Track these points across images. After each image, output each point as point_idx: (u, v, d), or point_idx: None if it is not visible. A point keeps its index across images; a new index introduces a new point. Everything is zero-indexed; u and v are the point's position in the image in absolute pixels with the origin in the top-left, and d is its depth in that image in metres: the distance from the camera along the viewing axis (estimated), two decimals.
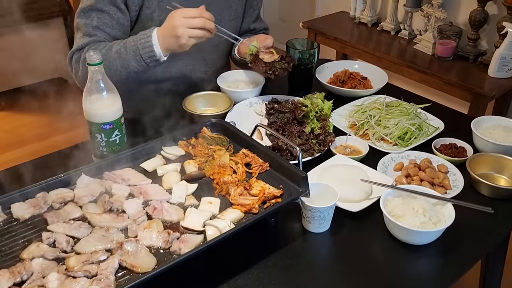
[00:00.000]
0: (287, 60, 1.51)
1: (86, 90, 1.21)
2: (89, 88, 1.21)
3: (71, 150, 1.36)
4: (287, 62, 1.51)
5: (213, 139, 1.30)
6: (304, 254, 1.09)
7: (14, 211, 1.06)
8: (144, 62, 1.39)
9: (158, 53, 1.37)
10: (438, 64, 2.55)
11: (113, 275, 0.91)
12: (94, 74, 1.19)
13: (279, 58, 1.50)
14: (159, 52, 1.37)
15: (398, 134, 1.42)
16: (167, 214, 1.07)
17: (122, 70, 1.40)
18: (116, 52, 1.40)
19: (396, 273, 1.05)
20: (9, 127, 3.28)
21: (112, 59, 1.39)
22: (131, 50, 1.39)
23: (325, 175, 1.24)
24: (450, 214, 1.09)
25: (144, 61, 1.39)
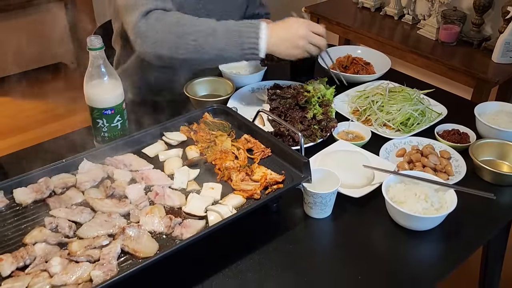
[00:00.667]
0: None
1: (87, 75, 1.21)
2: (90, 73, 1.20)
3: (73, 135, 1.36)
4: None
5: (215, 124, 1.30)
6: (305, 240, 1.09)
7: (16, 196, 1.06)
8: (242, 52, 1.32)
9: (262, 49, 1.31)
10: (442, 50, 2.53)
11: (115, 259, 0.92)
12: (95, 59, 1.19)
13: None
14: (263, 48, 1.31)
15: (401, 120, 1.41)
16: (169, 200, 1.07)
17: (211, 50, 1.31)
18: (212, 29, 1.31)
19: (397, 259, 1.05)
20: (11, 112, 3.28)
21: (204, 34, 1.30)
22: (230, 34, 1.31)
23: (327, 161, 1.23)
24: (452, 200, 1.09)
25: (243, 51, 1.31)
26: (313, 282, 0.98)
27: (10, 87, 3.48)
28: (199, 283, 0.97)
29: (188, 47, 1.30)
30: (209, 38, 1.30)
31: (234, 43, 1.30)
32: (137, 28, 1.32)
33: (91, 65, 1.20)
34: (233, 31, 1.31)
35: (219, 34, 1.30)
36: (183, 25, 1.31)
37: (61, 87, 3.28)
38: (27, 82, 3.49)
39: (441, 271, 1.02)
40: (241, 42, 1.30)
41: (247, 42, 1.30)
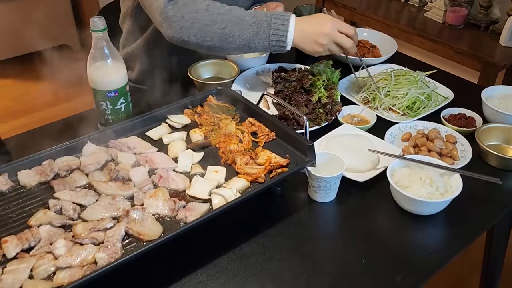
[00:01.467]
0: None
1: (90, 57, 1.20)
2: (94, 55, 1.19)
3: (76, 118, 1.35)
4: None
5: (219, 107, 1.29)
6: (309, 224, 1.09)
7: (20, 178, 1.06)
8: (268, 44, 1.30)
9: (289, 41, 1.30)
10: (449, 33, 2.50)
11: (119, 242, 0.92)
12: (99, 41, 1.18)
13: None
14: (290, 41, 1.30)
15: (407, 104, 1.40)
16: (173, 183, 1.07)
17: (238, 39, 1.30)
18: (239, 18, 1.30)
19: (401, 243, 1.05)
20: (15, 95, 3.28)
21: (232, 23, 1.29)
22: (259, 24, 1.29)
23: (332, 145, 1.23)
24: (458, 185, 1.09)
25: (269, 42, 1.30)
26: (317, 265, 0.98)
27: (13, 69, 3.47)
28: (203, 266, 0.97)
29: (215, 35, 1.29)
30: (237, 27, 1.29)
31: (262, 34, 1.29)
32: (165, 13, 1.30)
33: (94, 47, 1.19)
34: (262, 21, 1.29)
35: (247, 24, 1.29)
36: (211, 13, 1.29)
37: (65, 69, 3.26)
38: (31, 64, 3.48)
39: (446, 256, 1.02)
40: (269, 33, 1.28)
41: (275, 34, 1.28)
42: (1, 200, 1.02)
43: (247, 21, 1.29)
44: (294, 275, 0.96)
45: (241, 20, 1.29)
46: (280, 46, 1.31)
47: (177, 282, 0.94)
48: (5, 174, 1.06)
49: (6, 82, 3.42)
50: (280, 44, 1.30)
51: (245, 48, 1.32)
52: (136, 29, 1.57)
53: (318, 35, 1.29)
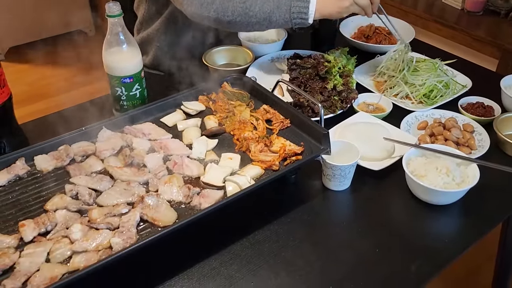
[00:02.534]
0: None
1: (105, 42, 1.20)
2: (109, 41, 1.19)
3: (92, 103, 1.36)
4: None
5: (234, 94, 1.29)
6: (323, 212, 1.09)
7: (37, 163, 1.08)
8: (290, 17, 1.27)
9: (311, 13, 1.26)
10: (467, 19, 2.45)
11: (134, 227, 0.93)
12: (114, 26, 1.18)
13: None
14: (312, 12, 1.26)
15: (424, 92, 1.38)
16: (188, 169, 1.07)
17: (258, 14, 1.27)
18: None
19: (416, 232, 1.04)
20: (31, 80, 3.31)
21: None
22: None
23: (347, 133, 1.22)
24: (475, 175, 1.07)
25: (291, 15, 1.27)
26: (330, 253, 0.98)
27: (29, 54, 3.50)
28: (217, 253, 0.97)
29: (236, 9, 1.27)
30: (257, 1, 1.27)
31: (283, 6, 1.26)
32: None
33: (110, 33, 1.19)
34: None
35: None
36: None
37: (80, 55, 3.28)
38: (46, 49, 3.50)
39: (461, 246, 1.01)
40: (290, 5, 1.26)
41: (296, 5, 1.26)
42: (19, 184, 1.04)
43: None
44: (307, 263, 0.96)
45: None
46: (302, 18, 1.27)
47: (191, 268, 0.95)
48: (22, 159, 1.07)
49: (22, 67, 3.45)
50: (302, 16, 1.27)
51: (265, 22, 1.30)
52: (151, 14, 1.56)
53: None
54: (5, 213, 0.97)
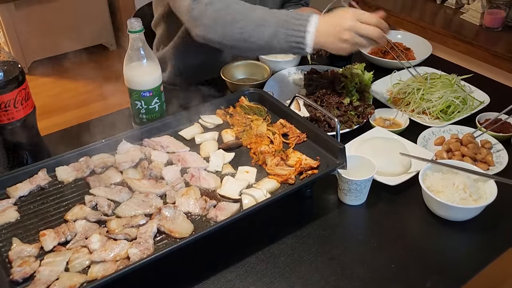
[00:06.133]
0: None
1: (126, 57, 1.23)
2: (130, 56, 1.22)
3: (112, 116, 1.39)
4: None
5: (251, 108, 1.30)
6: (339, 226, 1.09)
7: (58, 174, 1.10)
8: (287, 45, 1.24)
9: (308, 43, 1.22)
10: (486, 35, 2.44)
11: (152, 239, 0.94)
12: (135, 42, 1.20)
13: None
14: (309, 42, 1.22)
15: (441, 107, 1.38)
16: (205, 182, 1.08)
17: (257, 40, 1.25)
18: (260, 18, 1.25)
19: (432, 248, 1.03)
20: (54, 92, 3.38)
21: (252, 23, 1.25)
22: (278, 24, 1.23)
23: (363, 148, 1.22)
24: (492, 191, 1.06)
25: (289, 44, 1.24)
26: (345, 268, 0.98)
27: (52, 68, 3.58)
28: (232, 265, 0.98)
29: (235, 36, 1.27)
30: (257, 28, 1.25)
31: (281, 35, 1.23)
32: (190, 13, 1.30)
33: (131, 48, 1.22)
34: (282, 21, 1.23)
35: (268, 25, 1.24)
36: (233, 11, 1.27)
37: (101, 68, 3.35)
38: (69, 63, 3.58)
39: (478, 264, 1.00)
40: (288, 34, 1.23)
41: (294, 35, 1.22)
42: (40, 194, 1.06)
43: (268, 21, 1.25)
44: (322, 277, 0.96)
45: (262, 20, 1.25)
46: (300, 48, 1.24)
47: (206, 280, 0.96)
48: (44, 170, 1.10)
49: (45, 80, 3.53)
50: (299, 46, 1.23)
51: (265, 49, 1.30)
52: (168, 33, 1.60)
53: (340, 31, 1.19)
54: (27, 222, 1.00)
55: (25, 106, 1.14)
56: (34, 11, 3.43)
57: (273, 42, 1.25)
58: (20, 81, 1.12)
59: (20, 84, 1.12)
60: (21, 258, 0.91)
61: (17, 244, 0.94)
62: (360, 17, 1.20)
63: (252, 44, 1.27)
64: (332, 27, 1.21)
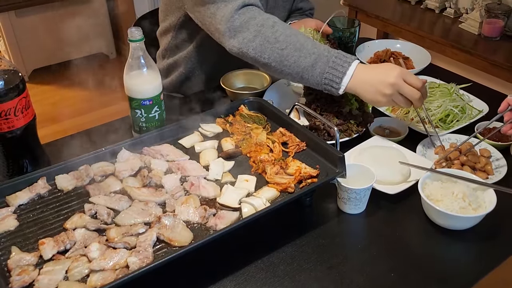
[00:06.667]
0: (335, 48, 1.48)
1: (126, 66, 1.23)
2: (130, 64, 1.23)
3: (112, 124, 1.39)
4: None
5: (251, 117, 1.31)
6: (338, 235, 1.09)
7: (58, 182, 1.10)
8: (320, 79, 1.22)
9: (343, 85, 1.21)
10: (484, 44, 2.45)
11: (151, 247, 0.94)
12: (135, 51, 1.21)
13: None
14: (344, 85, 1.21)
15: (440, 116, 1.38)
16: (204, 190, 1.08)
17: (291, 65, 1.24)
18: (302, 44, 1.24)
19: (432, 257, 1.03)
20: (54, 100, 3.39)
21: (293, 47, 1.24)
22: (318, 56, 1.22)
23: (362, 156, 1.22)
24: (492, 200, 1.07)
25: (322, 79, 1.22)
26: (344, 277, 0.98)
27: (52, 76, 3.60)
28: (231, 274, 0.98)
29: (273, 54, 1.25)
30: (296, 52, 1.23)
31: (317, 68, 1.22)
32: (231, 22, 1.27)
33: (131, 56, 1.22)
34: (322, 55, 1.22)
35: (307, 53, 1.23)
36: (276, 30, 1.25)
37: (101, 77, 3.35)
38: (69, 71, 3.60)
39: (477, 273, 1.00)
40: (324, 69, 1.21)
41: (331, 72, 1.21)
42: (40, 203, 1.06)
43: (308, 50, 1.23)
44: (321, 286, 0.96)
45: (302, 46, 1.23)
46: (332, 86, 1.22)
47: None
48: (43, 178, 1.10)
49: (45, 88, 3.54)
50: (332, 85, 1.22)
51: (297, 77, 1.26)
52: (178, 41, 1.60)
53: (383, 84, 1.18)
54: (26, 231, 1.00)
55: (26, 114, 1.15)
56: (34, 20, 3.44)
57: (308, 72, 1.24)
58: (20, 90, 1.12)
59: (20, 92, 1.12)
60: (20, 267, 0.91)
61: (16, 252, 0.94)
62: (405, 77, 1.19)
63: (286, 68, 1.26)
64: (375, 78, 1.20)
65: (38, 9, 3.42)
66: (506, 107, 1.21)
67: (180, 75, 1.63)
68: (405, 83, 1.19)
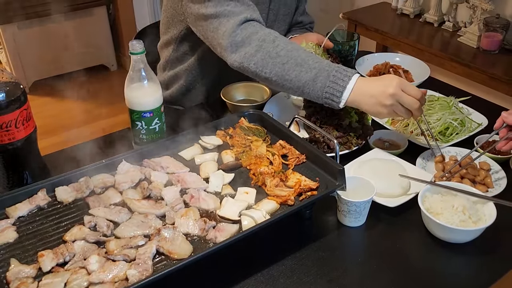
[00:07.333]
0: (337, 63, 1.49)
1: (127, 78, 1.24)
2: (131, 77, 1.24)
3: (112, 136, 1.40)
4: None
5: (251, 129, 1.31)
6: (338, 248, 1.09)
7: (58, 194, 1.10)
8: (321, 93, 1.24)
9: (343, 99, 1.23)
10: (483, 58, 2.47)
11: (150, 260, 0.94)
12: (136, 63, 1.22)
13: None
14: (344, 99, 1.23)
15: (439, 129, 1.39)
16: (204, 203, 1.08)
17: (292, 80, 1.26)
18: (303, 59, 1.26)
19: (432, 271, 1.03)
20: (55, 112, 3.40)
21: (293, 62, 1.26)
22: (318, 71, 1.24)
23: (362, 169, 1.22)
24: (491, 213, 1.07)
25: (323, 93, 1.24)
26: None
27: (53, 88, 3.61)
28: (231, 287, 0.98)
29: (274, 68, 1.27)
30: (297, 67, 1.25)
31: (318, 82, 1.24)
32: (233, 37, 1.29)
33: (132, 69, 1.23)
34: (323, 69, 1.24)
35: (308, 68, 1.25)
36: (277, 45, 1.27)
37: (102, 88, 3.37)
38: (70, 83, 3.61)
39: (478, 286, 1.00)
40: (325, 84, 1.23)
41: (331, 86, 1.22)
42: (39, 215, 1.06)
43: (309, 65, 1.25)
44: None
45: (303, 61, 1.25)
46: (333, 100, 1.24)
47: None
48: (43, 190, 1.10)
49: (45, 99, 3.55)
50: (333, 99, 1.23)
51: (298, 91, 1.27)
52: (179, 54, 1.61)
53: (383, 95, 1.19)
54: (25, 243, 1.00)
55: (26, 126, 1.15)
56: (36, 32, 3.47)
57: (309, 87, 1.25)
58: (22, 102, 1.13)
59: (22, 104, 1.13)
60: (19, 279, 0.90)
61: (15, 264, 0.94)
62: (405, 88, 1.20)
63: (287, 83, 1.27)
64: (375, 90, 1.21)
65: (39, 22, 3.45)
66: (501, 124, 1.21)
67: (180, 87, 1.64)
68: (404, 93, 1.20)
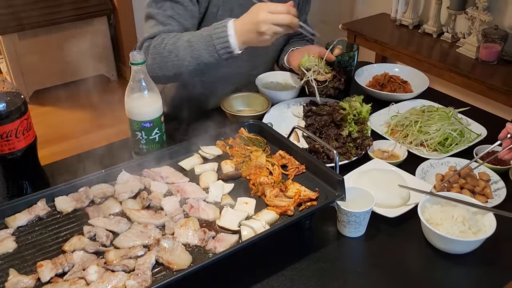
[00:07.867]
0: (339, 77, 1.50)
1: (128, 88, 1.25)
2: (131, 87, 1.24)
3: (112, 146, 1.40)
4: (339, 79, 1.50)
5: (250, 139, 1.31)
6: (338, 258, 1.08)
7: (57, 204, 1.10)
8: (217, 54, 1.34)
9: (234, 45, 1.32)
10: (482, 69, 2.48)
11: (149, 270, 0.93)
12: (137, 73, 1.22)
13: (331, 77, 1.49)
14: (234, 44, 1.32)
15: (439, 140, 1.39)
16: (204, 213, 1.08)
17: (191, 61, 1.36)
18: (187, 41, 1.36)
19: (432, 281, 1.03)
20: (55, 121, 3.40)
21: (182, 48, 1.36)
22: (203, 39, 1.34)
23: (362, 179, 1.22)
24: (491, 224, 1.06)
25: (217, 52, 1.34)
26: None
27: (53, 97, 3.62)
28: None
29: (173, 63, 1.36)
30: (186, 50, 1.35)
31: (208, 48, 1.34)
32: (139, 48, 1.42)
33: (133, 79, 1.23)
34: (205, 36, 1.34)
35: (194, 44, 1.35)
36: (165, 45, 1.37)
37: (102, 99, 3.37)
38: (70, 93, 3.62)
39: None
40: (213, 44, 1.33)
41: (219, 42, 1.32)
42: (39, 225, 1.06)
43: (194, 41, 1.35)
44: None
45: (188, 42, 1.35)
46: (228, 52, 1.33)
47: None
48: (43, 200, 1.10)
49: (45, 109, 3.55)
50: (227, 50, 1.33)
51: (200, 66, 1.37)
52: None
53: (256, 25, 1.28)
54: (24, 253, 0.99)
55: (27, 136, 1.15)
56: (37, 42, 3.48)
57: (206, 57, 1.35)
58: (22, 112, 1.13)
59: (22, 114, 1.13)
60: None
61: (14, 275, 0.93)
62: (270, 9, 1.28)
63: (188, 66, 1.37)
64: (249, 24, 1.30)
65: (40, 32, 3.46)
66: (506, 134, 1.22)
67: (180, 98, 1.65)
68: (273, 13, 1.27)
